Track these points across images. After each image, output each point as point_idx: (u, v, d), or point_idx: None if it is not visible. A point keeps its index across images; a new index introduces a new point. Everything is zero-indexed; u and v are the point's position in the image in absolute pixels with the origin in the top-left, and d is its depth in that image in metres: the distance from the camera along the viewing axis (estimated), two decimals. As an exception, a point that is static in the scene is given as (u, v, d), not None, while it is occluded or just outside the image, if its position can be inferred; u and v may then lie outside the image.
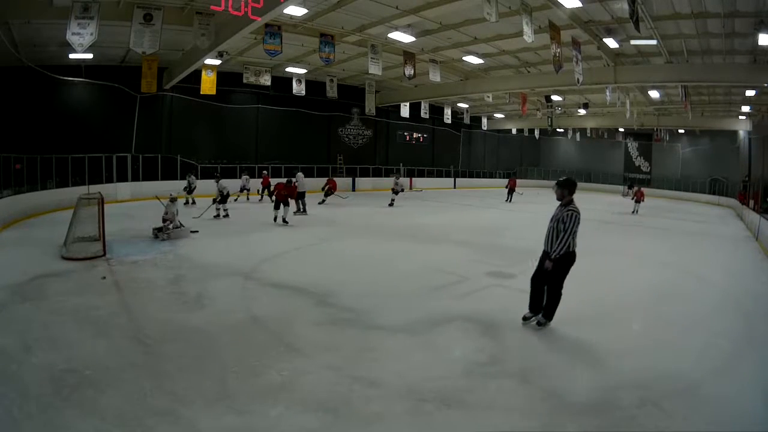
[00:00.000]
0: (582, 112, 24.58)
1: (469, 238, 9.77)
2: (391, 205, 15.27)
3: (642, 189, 17.44)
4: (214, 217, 11.36)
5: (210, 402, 3.01)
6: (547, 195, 25.10)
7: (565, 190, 4.40)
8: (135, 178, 15.71)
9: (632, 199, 17.20)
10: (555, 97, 21.34)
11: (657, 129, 26.03)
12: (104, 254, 6.85)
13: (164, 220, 8.53)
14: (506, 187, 20.02)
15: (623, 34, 12.11)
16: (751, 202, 17.02)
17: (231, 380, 3.30)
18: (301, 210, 12.61)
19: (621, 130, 28.92)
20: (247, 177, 16.39)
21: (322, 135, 22.87)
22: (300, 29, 12.37)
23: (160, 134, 17.70)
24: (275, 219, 10.94)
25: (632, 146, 31.34)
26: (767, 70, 12.51)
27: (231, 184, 17.13)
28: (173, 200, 8.82)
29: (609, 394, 3.27)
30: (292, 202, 11.50)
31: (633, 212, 16.23)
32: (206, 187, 17.17)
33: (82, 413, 2.83)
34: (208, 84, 15.94)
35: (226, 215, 11.57)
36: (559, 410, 3.08)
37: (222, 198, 11.57)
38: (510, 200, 19.20)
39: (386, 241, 9.31)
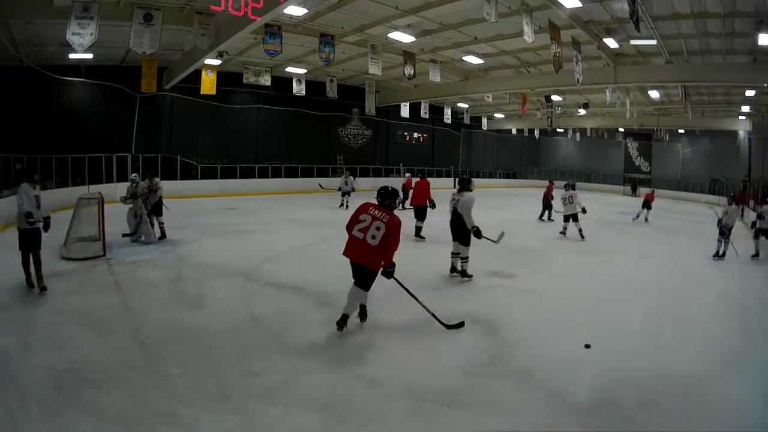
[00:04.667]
0: (582, 112, 24.56)
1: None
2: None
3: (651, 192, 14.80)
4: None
5: (210, 402, 3.01)
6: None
7: None
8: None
9: (643, 208, 14.27)
10: (555, 97, 21.33)
11: (657, 129, 26.02)
12: (104, 254, 6.85)
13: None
14: (546, 197, 13.35)
15: (623, 34, 12.10)
16: (752, 202, 17.02)
17: (231, 380, 3.29)
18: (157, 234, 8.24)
19: (621, 130, 28.90)
20: (409, 175, 15.78)
21: (322, 135, 22.86)
22: (300, 29, 12.36)
23: (160, 134, 17.70)
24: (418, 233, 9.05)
25: (632, 146, 31.32)
26: (767, 70, 12.51)
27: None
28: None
29: (609, 394, 3.27)
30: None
31: (636, 217, 14.22)
32: (209, 186, 17.25)
33: (82, 413, 2.83)
34: (208, 84, 15.93)
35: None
36: (559, 410, 3.08)
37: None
38: (548, 217, 13.11)
39: (386, 241, 9.26)
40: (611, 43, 12.74)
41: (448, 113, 24.64)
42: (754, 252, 8.86)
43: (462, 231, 6.17)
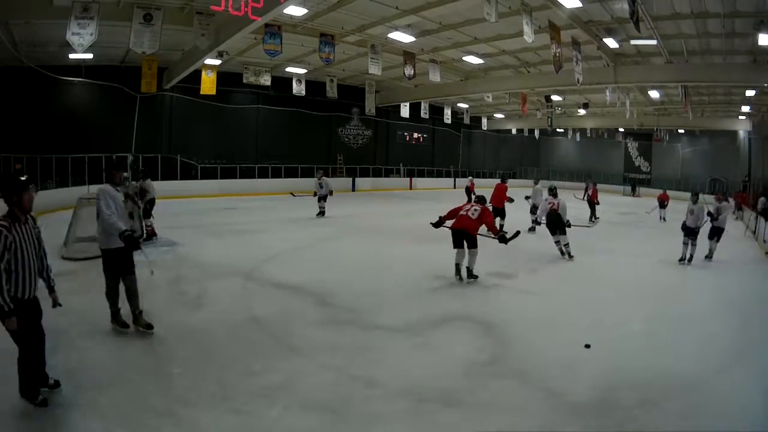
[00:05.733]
0: (582, 112, 24.57)
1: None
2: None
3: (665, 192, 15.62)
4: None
5: (210, 402, 3.01)
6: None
7: None
8: (135, 179, 15.69)
9: (659, 207, 14.98)
10: (555, 97, 21.34)
11: (657, 129, 26.01)
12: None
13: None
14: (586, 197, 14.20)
15: (623, 34, 12.11)
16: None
17: (231, 380, 3.30)
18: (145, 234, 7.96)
19: (621, 130, 28.89)
20: (471, 178, 16.06)
21: (322, 135, 22.88)
22: (300, 29, 12.36)
23: (160, 134, 17.71)
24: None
25: (632, 146, 31.32)
26: (767, 70, 12.51)
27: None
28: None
29: (609, 394, 3.27)
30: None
31: (659, 218, 14.69)
32: (209, 186, 17.25)
33: (82, 413, 2.83)
34: (208, 84, 15.93)
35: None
36: (559, 410, 3.08)
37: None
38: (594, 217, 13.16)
39: (386, 240, 9.31)
40: (611, 43, 12.74)
41: (448, 113, 24.65)
42: (708, 252, 8.30)
43: (561, 224, 7.98)
